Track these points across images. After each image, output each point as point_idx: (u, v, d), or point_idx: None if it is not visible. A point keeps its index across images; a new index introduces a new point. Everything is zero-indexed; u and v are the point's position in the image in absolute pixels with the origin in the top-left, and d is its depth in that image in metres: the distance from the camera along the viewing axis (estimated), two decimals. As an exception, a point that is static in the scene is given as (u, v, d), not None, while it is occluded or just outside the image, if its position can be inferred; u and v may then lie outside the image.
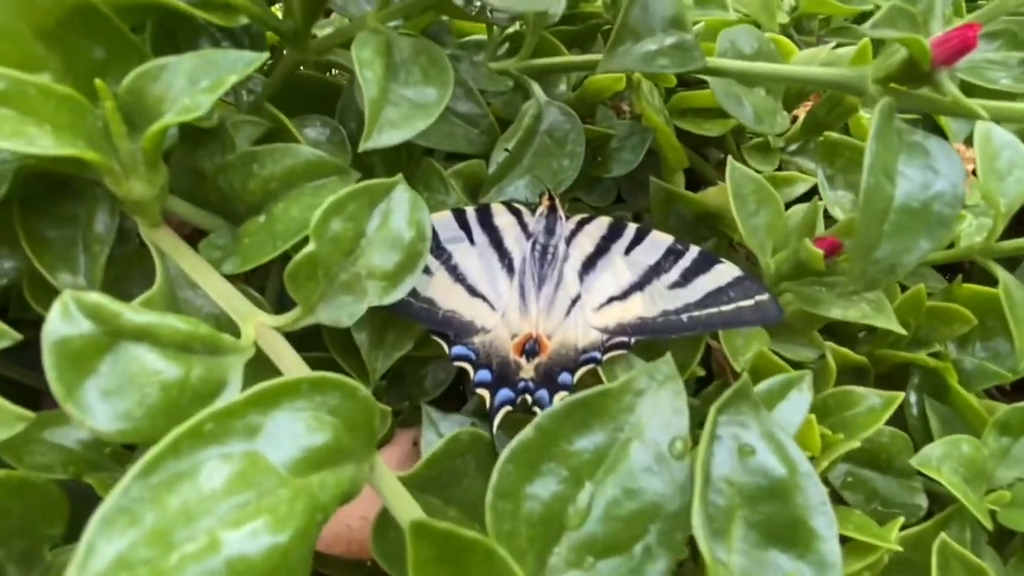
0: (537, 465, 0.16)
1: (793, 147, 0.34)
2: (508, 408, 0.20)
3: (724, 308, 0.21)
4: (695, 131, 0.31)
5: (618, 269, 0.22)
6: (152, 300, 0.19)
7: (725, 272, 0.21)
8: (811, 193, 0.31)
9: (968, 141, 0.36)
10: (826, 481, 0.28)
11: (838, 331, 0.32)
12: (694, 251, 0.22)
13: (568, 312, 0.22)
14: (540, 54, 0.28)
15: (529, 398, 0.21)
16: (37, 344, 0.15)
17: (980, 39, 0.20)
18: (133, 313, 0.16)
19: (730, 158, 0.25)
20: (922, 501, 0.28)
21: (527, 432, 0.15)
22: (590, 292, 0.22)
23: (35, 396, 0.28)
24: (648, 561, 0.15)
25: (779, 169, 0.34)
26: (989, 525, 0.24)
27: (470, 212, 0.23)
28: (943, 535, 0.23)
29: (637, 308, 0.21)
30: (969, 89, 0.21)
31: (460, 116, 0.25)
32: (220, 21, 0.19)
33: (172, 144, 0.23)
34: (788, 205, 0.30)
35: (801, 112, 0.33)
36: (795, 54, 0.32)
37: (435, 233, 0.21)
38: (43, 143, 0.15)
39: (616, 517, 0.15)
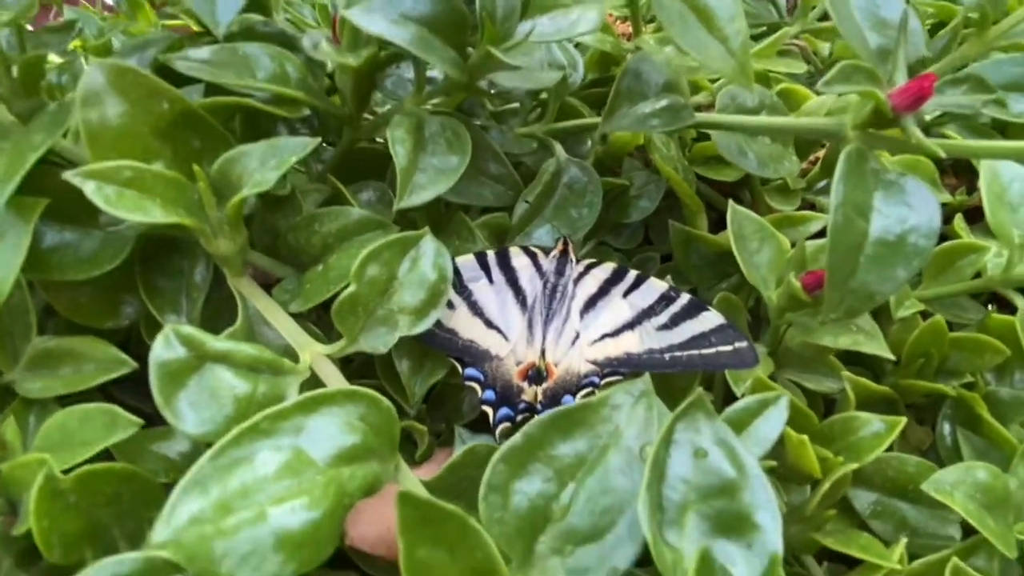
0: (525, 465, 0.18)
1: (819, 186, 0.36)
2: (507, 424, 0.24)
3: (705, 351, 0.23)
4: (715, 177, 0.34)
5: (616, 309, 0.25)
6: (235, 334, 0.24)
7: (710, 319, 0.24)
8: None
9: None
10: (849, 508, 0.29)
11: (868, 363, 0.33)
12: (685, 298, 0.24)
13: (573, 343, 0.24)
14: (565, 117, 0.32)
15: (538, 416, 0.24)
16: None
17: (946, 85, 0.22)
18: (216, 341, 0.21)
19: (731, 202, 0.27)
20: (955, 532, 0.28)
21: (516, 437, 0.19)
22: (588, 329, 0.25)
23: (149, 421, 0.34)
24: (618, 548, 0.17)
25: (804, 207, 0.36)
26: (1013, 554, 0.24)
27: (490, 255, 0.26)
28: (955, 560, 0.23)
29: (626, 345, 0.24)
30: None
31: (489, 176, 0.29)
32: (287, 114, 0.24)
33: (255, 209, 0.28)
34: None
35: (821, 154, 0.35)
36: (809, 100, 0.34)
37: (459, 273, 0.25)
38: (155, 214, 0.21)
39: (592, 511, 0.18)
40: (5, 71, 0.25)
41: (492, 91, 0.26)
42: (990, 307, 0.33)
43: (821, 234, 0.32)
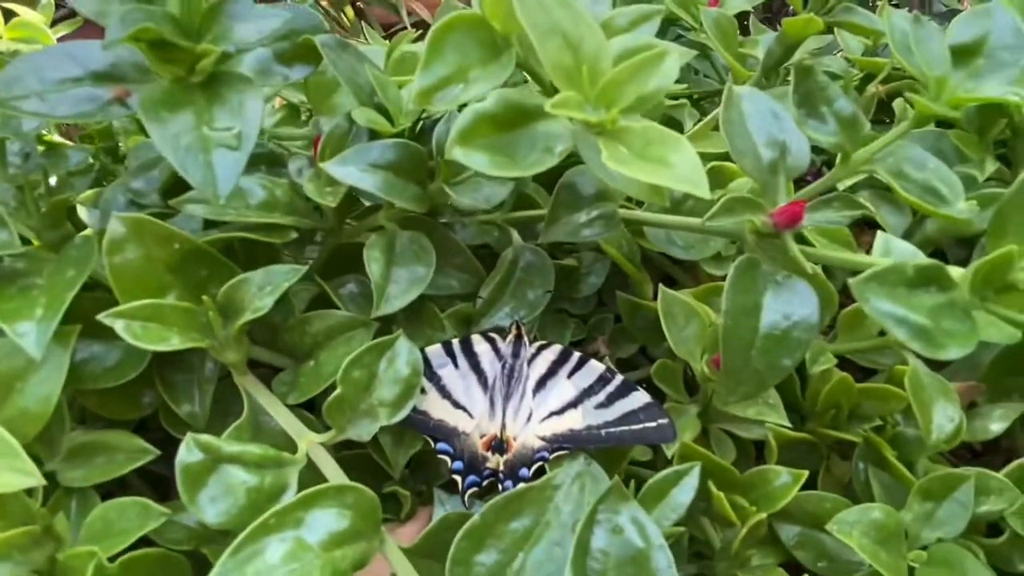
0: (483, 541, 0.23)
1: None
2: (475, 488, 0.28)
3: (634, 427, 0.28)
4: (652, 248, 0.38)
5: (561, 389, 0.29)
6: (242, 426, 0.28)
7: (639, 398, 0.28)
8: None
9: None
10: (777, 540, 0.33)
11: (795, 407, 0.38)
12: (619, 379, 0.29)
13: (528, 420, 0.29)
14: (521, 205, 0.36)
15: (500, 485, 0.28)
16: (168, 446, 0.24)
17: (820, 205, 0.27)
18: (227, 445, 0.25)
19: (661, 286, 0.32)
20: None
21: (475, 519, 0.23)
22: (539, 407, 0.29)
23: (166, 482, 0.38)
24: (557, 607, 0.22)
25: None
26: (904, 580, 0.29)
27: (455, 343, 0.31)
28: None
29: (569, 422, 0.28)
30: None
31: (454, 267, 0.34)
32: (278, 240, 0.29)
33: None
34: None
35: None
36: (737, 177, 0.39)
37: (428, 361, 0.30)
38: (174, 341, 0.25)
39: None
40: (35, 207, 0.30)
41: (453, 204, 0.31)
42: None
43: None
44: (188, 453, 0.24)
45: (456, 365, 0.31)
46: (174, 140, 0.23)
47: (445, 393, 0.30)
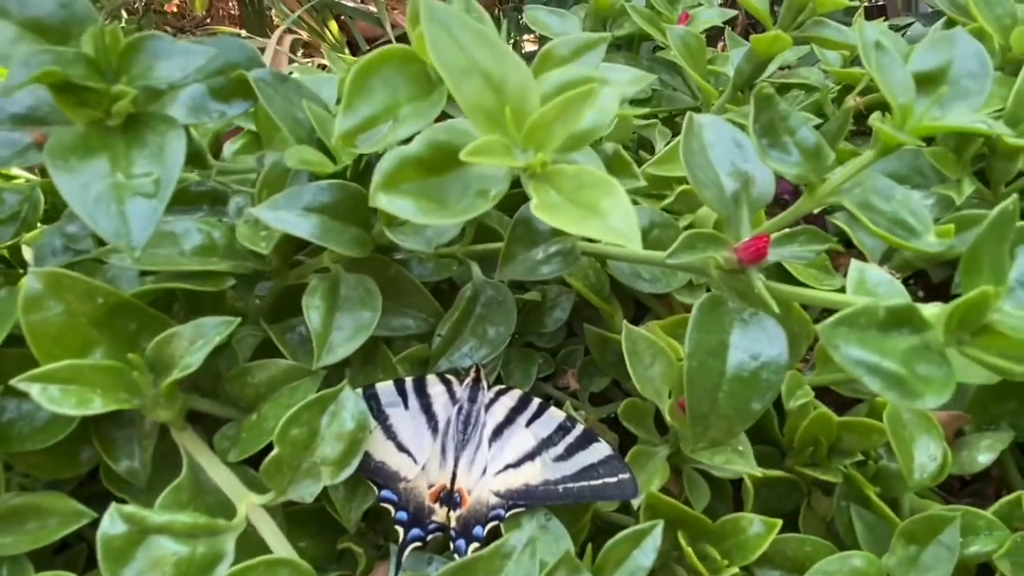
0: (428, 616, 0.21)
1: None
2: (417, 543, 0.26)
3: (593, 483, 0.26)
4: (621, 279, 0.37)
5: (519, 439, 0.27)
6: (181, 486, 0.27)
7: (599, 450, 0.26)
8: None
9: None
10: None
11: (773, 442, 0.36)
12: (579, 428, 0.27)
13: (483, 473, 0.27)
14: (481, 237, 0.35)
15: (451, 544, 0.26)
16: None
17: (784, 239, 0.25)
18: (155, 515, 0.23)
19: (625, 323, 0.30)
20: (849, 604, 0.31)
21: (418, 593, 0.21)
22: (494, 459, 0.27)
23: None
24: None
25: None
26: (888, 632, 0.27)
27: (408, 382, 0.29)
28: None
29: (526, 476, 0.26)
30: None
31: (411, 307, 0.32)
32: (213, 288, 0.27)
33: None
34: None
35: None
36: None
37: (377, 398, 0.28)
38: (96, 404, 0.24)
39: (484, 655, 0.21)
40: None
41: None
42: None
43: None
44: (111, 525, 0.23)
45: (406, 406, 0.29)
46: (82, 190, 0.21)
47: (391, 434, 0.28)
